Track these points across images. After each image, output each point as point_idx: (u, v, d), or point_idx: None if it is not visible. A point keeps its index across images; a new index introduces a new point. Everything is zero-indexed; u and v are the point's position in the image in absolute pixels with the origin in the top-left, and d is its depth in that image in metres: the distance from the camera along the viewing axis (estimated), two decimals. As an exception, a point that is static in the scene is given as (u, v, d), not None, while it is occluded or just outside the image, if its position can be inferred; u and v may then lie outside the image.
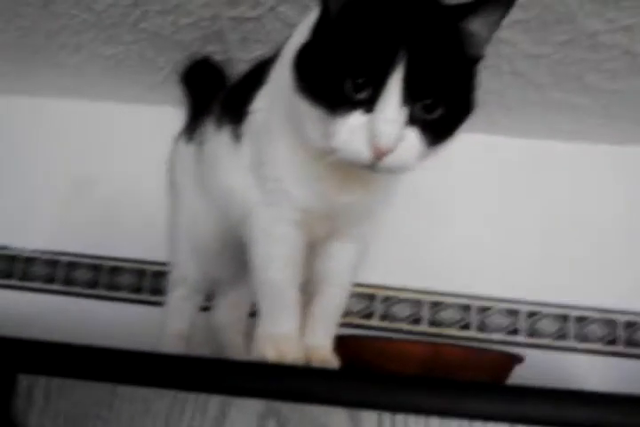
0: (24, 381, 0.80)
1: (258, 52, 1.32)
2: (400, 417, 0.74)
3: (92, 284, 1.47)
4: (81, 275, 1.47)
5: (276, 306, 0.92)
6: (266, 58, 1.00)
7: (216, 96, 1.18)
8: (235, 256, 1.12)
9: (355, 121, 0.74)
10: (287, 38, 0.93)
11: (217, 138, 1.06)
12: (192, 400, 0.77)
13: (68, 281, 1.47)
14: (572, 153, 1.49)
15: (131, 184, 1.51)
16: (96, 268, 1.47)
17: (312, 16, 0.83)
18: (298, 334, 0.90)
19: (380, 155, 0.73)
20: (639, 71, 1.25)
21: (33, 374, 0.80)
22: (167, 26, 1.29)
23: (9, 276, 1.48)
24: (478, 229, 1.43)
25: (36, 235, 1.51)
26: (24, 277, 1.48)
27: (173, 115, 1.44)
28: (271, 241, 0.93)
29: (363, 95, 0.73)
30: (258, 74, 0.99)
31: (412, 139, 0.74)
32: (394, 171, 0.77)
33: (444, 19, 0.76)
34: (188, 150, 1.21)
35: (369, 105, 0.73)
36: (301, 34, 0.83)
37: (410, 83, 0.72)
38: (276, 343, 0.87)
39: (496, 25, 0.78)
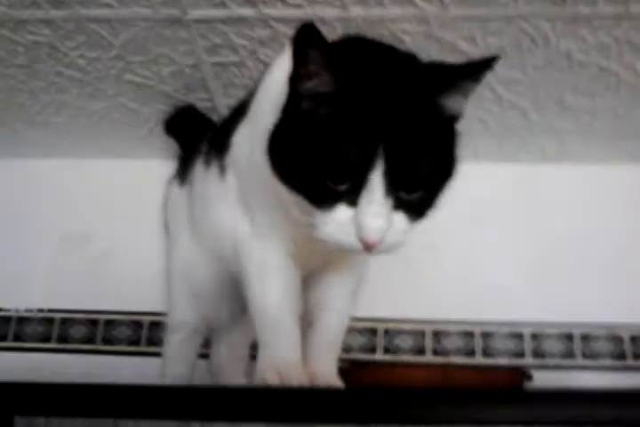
0: (21, 423, 0.77)
1: (241, 97, 1.34)
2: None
3: (88, 339, 1.43)
4: (76, 331, 1.44)
5: (276, 335, 0.89)
6: (247, 96, 1.02)
7: (203, 139, 1.19)
8: (232, 296, 1.11)
9: (341, 215, 0.72)
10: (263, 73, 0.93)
11: (206, 175, 1.06)
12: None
13: (64, 338, 1.43)
14: (558, 174, 1.50)
15: (122, 237, 1.50)
16: (91, 323, 1.44)
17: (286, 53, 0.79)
18: (300, 359, 0.88)
19: (370, 247, 0.72)
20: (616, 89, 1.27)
21: (30, 415, 0.78)
22: (150, 76, 1.31)
23: (4, 337, 1.45)
24: (475, 255, 1.42)
25: (29, 294, 1.49)
26: (19, 338, 1.45)
27: (161, 167, 1.45)
28: (265, 273, 0.92)
29: (345, 188, 0.72)
30: (239, 109, 1.00)
31: (399, 222, 0.74)
32: (386, 252, 0.75)
33: (419, 101, 0.75)
34: (180, 194, 1.22)
35: (352, 197, 0.72)
36: (279, 69, 0.82)
37: (391, 174, 0.71)
38: (278, 368, 0.84)
39: (471, 91, 0.77)
